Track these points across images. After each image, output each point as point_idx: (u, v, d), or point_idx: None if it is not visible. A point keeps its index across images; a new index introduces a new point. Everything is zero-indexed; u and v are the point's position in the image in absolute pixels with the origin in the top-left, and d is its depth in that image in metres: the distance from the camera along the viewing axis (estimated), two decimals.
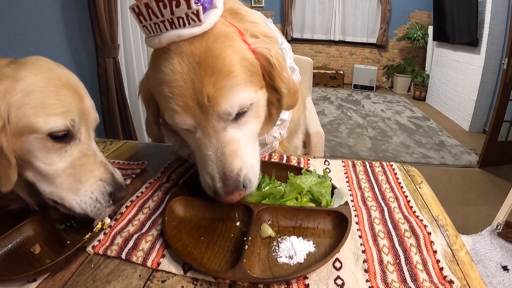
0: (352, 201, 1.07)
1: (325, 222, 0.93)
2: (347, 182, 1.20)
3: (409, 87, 9.04)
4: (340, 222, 0.91)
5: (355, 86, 9.32)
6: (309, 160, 1.35)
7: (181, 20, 0.81)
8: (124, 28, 3.67)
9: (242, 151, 0.91)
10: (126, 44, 3.73)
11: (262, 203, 0.97)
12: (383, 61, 9.53)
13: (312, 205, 0.97)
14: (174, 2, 0.78)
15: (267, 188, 1.00)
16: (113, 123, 3.48)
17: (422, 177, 1.30)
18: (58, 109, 0.80)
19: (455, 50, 6.90)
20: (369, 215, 1.00)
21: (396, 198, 1.10)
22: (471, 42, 6.08)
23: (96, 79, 3.37)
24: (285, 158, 1.36)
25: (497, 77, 5.77)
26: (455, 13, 6.58)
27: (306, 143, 2.00)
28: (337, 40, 9.51)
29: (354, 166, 1.32)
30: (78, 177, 0.85)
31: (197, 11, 0.80)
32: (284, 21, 9.47)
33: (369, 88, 9.16)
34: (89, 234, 0.86)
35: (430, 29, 8.01)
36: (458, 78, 6.73)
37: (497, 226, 2.36)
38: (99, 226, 0.89)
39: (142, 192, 1.10)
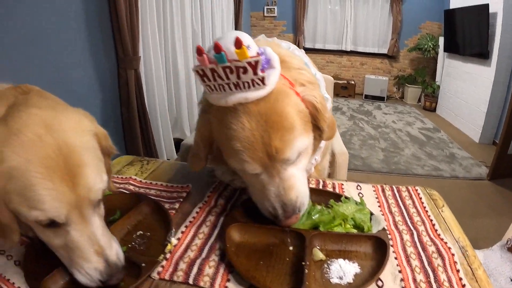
0: (386, 225, 1.15)
1: (367, 246, 1.03)
2: (379, 206, 1.29)
3: (420, 98, 9.06)
4: (380, 246, 1.01)
5: (366, 96, 9.33)
6: (342, 184, 1.44)
7: (246, 84, 0.91)
8: (145, 41, 3.75)
9: (297, 183, 1.04)
10: (146, 56, 3.82)
11: (312, 229, 1.08)
12: (393, 72, 9.55)
13: (354, 231, 1.07)
14: (241, 70, 0.88)
15: (316, 215, 1.10)
16: (133, 134, 3.55)
17: (443, 200, 1.38)
18: (40, 205, 0.73)
19: (465, 61, 6.90)
20: (401, 238, 1.10)
21: (423, 222, 1.19)
22: (482, 54, 6.07)
23: (116, 89, 3.45)
24: (321, 183, 1.45)
25: (508, 89, 5.78)
26: (466, 25, 6.59)
27: (331, 163, 2.07)
28: (349, 50, 9.55)
29: (383, 190, 1.41)
30: (75, 258, 0.81)
31: (263, 77, 0.90)
32: (296, 31, 9.56)
33: (380, 99, 9.17)
34: (162, 256, 0.95)
35: (441, 40, 8.01)
36: (468, 89, 6.73)
37: (507, 241, 2.40)
38: (169, 247, 0.98)
39: (194, 217, 1.18)
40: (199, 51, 0.89)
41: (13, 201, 0.74)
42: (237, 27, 7.15)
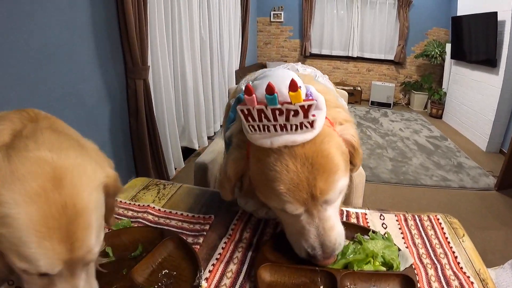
0: (413, 261, 1.13)
1: (395, 284, 1.02)
2: (403, 238, 1.28)
3: (426, 105, 9.04)
4: (407, 284, 1.00)
5: (372, 103, 9.32)
6: (366, 214, 1.43)
7: (294, 126, 0.88)
8: (153, 50, 3.75)
9: (336, 223, 1.03)
10: (155, 65, 3.82)
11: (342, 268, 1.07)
12: (400, 78, 9.53)
13: (383, 268, 1.06)
14: (292, 112, 0.86)
15: (351, 255, 1.08)
16: (141, 144, 3.56)
17: (463, 229, 1.36)
18: (33, 261, 0.67)
19: (473, 69, 6.86)
20: (426, 273, 1.09)
21: (446, 254, 1.18)
22: (490, 62, 6.05)
23: (125, 100, 3.45)
24: (345, 213, 1.44)
25: None
26: (473, 32, 6.57)
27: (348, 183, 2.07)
28: (355, 56, 9.54)
29: (406, 220, 1.39)
30: None
31: (313, 121, 0.89)
32: (303, 37, 9.56)
33: (386, 105, 9.15)
34: None
35: (448, 47, 7.99)
36: (475, 97, 6.70)
37: None
38: None
39: (220, 254, 1.15)
40: (249, 91, 0.86)
41: (2, 244, 0.67)
42: (244, 33, 7.14)
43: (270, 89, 0.84)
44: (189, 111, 4.82)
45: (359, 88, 9.58)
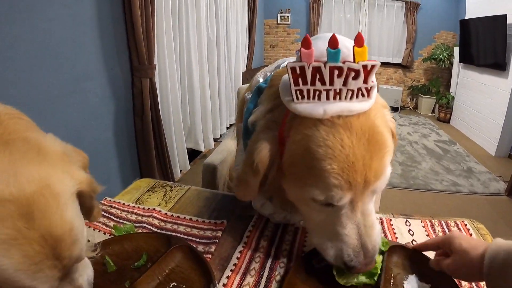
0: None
1: None
2: None
3: (434, 109, 8.96)
4: None
5: None
6: (391, 220, 1.35)
7: (349, 93, 0.77)
8: (160, 49, 3.69)
9: (376, 220, 0.89)
10: (161, 65, 3.75)
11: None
12: (407, 82, 9.46)
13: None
14: (353, 73, 0.75)
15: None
16: (146, 145, 3.49)
17: (490, 234, 1.29)
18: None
19: (481, 73, 6.79)
20: (460, 283, 0.99)
21: None
22: (499, 65, 5.98)
23: (130, 99, 3.38)
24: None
25: None
26: (482, 36, 6.50)
27: None
28: None
29: (432, 226, 1.32)
30: None
31: (371, 87, 0.78)
32: None
33: (394, 109, 9.04)
34: None
35: (456, 50, 7.91)
36: (484, 101, 6.62)
37: None
38: None
39: (235, 265, 1.04)
40: (307, 44, 0.73)
41: None
42: (251, 35, 7.09)
43: (334, 42, 0.72)
44: (196, 112, 4.76)
45: None
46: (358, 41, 0.74)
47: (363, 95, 0.78)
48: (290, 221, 1.22)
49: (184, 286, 0.93)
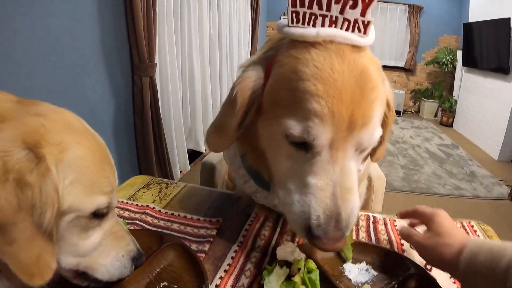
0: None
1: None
2: None
3: (436, 113, 8.97)
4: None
5: None
6: (395, 221, 1.29)
7: (346, 23, 0.72)
8: (161, 47, 3.67)
9: (356, 187, 0.75)
10: (162, 63, 3.73)
11: None
12: (410, 85, 9.48)
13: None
14: (350, 2, 0.70)
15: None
16: (145, 144, 3.47)
17: (498, 236, 1.27)
18: (105, 188, 0.70)
19: (485, 76, 6.79)
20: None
21: None
22: (502, 69, 5.98)
23: (130, 97, 3.36)
24: (371, 218, 1.30)
25: None
26: (485, 39, 6.51)
27: (367, 187, 1.93)
28: None
29: None
30: (108, 246, 0.76)
31: (369, 22, 0.72)
32: None
33: (396, 113, 8.92)
34: None
35: (459, 54, 7.94)
36: (487, 105, 6.62)
37: None
38: None
39: (229, 265, 0.99)
40: None
41: (73, 193, 0.63)
42: (253, 37, 7.09)
43: None
44: (197, 112, 4.72)
45: None
46: None
47: (359, 30, 0.72)
48: (273, 202, 1.16)
49: (176, 286, 0.88)
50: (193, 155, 4.88)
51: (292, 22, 0.73)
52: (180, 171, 4.34)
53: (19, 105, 0.67)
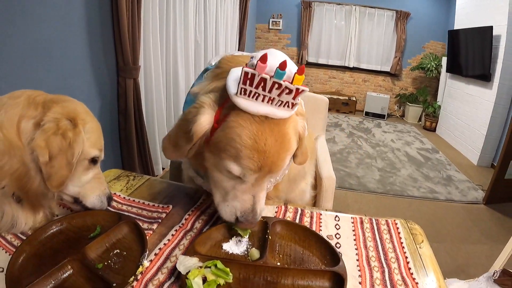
0: (357, 260, 1.17)
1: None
2: (354, 240, 1.28)
3: (420, 117, 9.10)
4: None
5: (367, 113, 9.39)
6: (321, 215, 1.44)
7: (279, 102, 1.00)
8: (146, 51, 3.78)
9: (264, 197, 1.19)
10: (147, 66, 3.84)
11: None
12: (395, 90, 9.61)
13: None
14: (287, 91, 0.96)
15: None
16: (129, 143, 3.59)
17: (424, 235, 1.36)
18: (100, 146, 1.18)
19: (467, 83, 6.92)
20: (371, 276, 1.09)
21: (397, 259, 1.18)
22: (484, 76, 6.10)
23: (115, 98, 3.48)
24: (299, 211, 1.46)
25: (508, 112, 5.81)
26: (469, 46, 6.63)
27: (318, 187, 2.08)
28: (352, 66, 9.62)
29: (362, 223, 1.39)
30: (96, 185, 1.21)
31: (295, 104, 1.01)
32: (300, 45, 9.64)
33: (380, 116, 9.22)
34: (133, 277, 0.97)
35: (444, 60, 8.05)
36: (469, 111, 6.75)
37: (494, 273, 2.38)
38: (141, 269, 1.00)
39: (168, 240, 1.19)
40: (265, 59, 0.93)
41: (86, 145, 1.11)
42: (241, 39, 7.21)
43: (284, 65, 0.93)
44: (180, 114, 4.75)
45: (354, 98, 9.62)
46: (301, 70, 0.96)
47: (288, 106, 1.01)
48: (208, 187, 1.41)
49: (125, 253, 1.09)
50: None
51: (241, 94, 0.99)
52: (163, 168, 4.47)
53: (55, 97, 1.12)
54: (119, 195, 1.45)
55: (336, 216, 1.45)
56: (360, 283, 1.06)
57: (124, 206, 1.38)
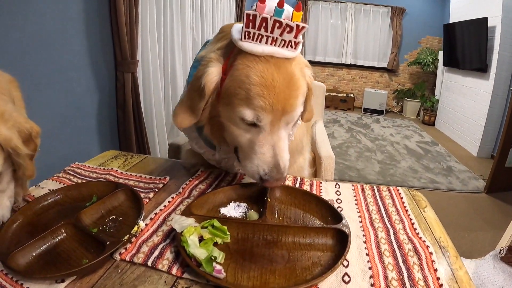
0: (360, 222, 1.15)
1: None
2: (356, 204, 1.27)
3: (419, 112, 9.11)
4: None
5: (365, 110, 9.37)
6: (321, 183, 1.43)
7: (282, 42, 1.02)
8: (144, 45, 3.77)
9: (286, 147, 1.14)
10: (145, 60, 3.83)
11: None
12: (393, 85, 9.62)
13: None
14: (288, 28, 0.99)
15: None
16: (127, 136, 3.57)
17: (427, 201, 1.36)
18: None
19: (464, 75, 6.94)
20: (376, 235, 1.06)
21: (401, 221, 1.16)
22: (481, 68, 6.11)
23: (114, 92, 3.47)
24: (299, 180, 1.45)
25: (506, 103, 5.80)
26: (465, 39, 6.64)
27: (317, 166, 2.09)
28: (349, 63, 9.61)
29: (363, 189, 1.38)
30: None
31: (298, 42, 1.03)
32: None
33: (379, 112, 9.21)
34: (127, 236, 0.95)
35: (441, 54, 8.08)
36: (467, 103, 6.76)
37: (500, 250, 2.37)
38: (136, 229, 0.99)
39: (165, 206, 1.19)
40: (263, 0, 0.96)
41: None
42: None
43: (281, 3, 0.96)
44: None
45: (352, 95, 9.63)
46: (298, 7, 0.98)
47: (291, 46, 1.03)
48: (217, 159, 1.43)
49: (121, 218, 1.09)
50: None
51: (245, 38, 1.02)
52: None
53: None
54: (117, 170, 1.45)
55: (337, 184, 1.43)
56: (364, 242, 1.04)
57: (121, 180, 1.38)
